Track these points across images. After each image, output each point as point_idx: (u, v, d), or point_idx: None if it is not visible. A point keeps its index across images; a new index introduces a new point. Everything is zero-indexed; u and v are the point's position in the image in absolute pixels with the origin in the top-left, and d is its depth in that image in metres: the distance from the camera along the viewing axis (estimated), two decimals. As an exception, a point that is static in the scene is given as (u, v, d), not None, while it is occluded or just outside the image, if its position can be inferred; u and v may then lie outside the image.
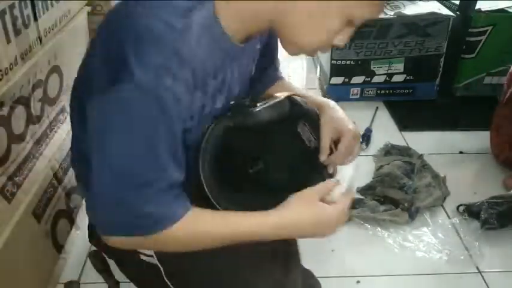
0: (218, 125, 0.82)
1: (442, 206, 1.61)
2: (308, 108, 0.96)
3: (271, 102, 0.90)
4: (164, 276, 0.85)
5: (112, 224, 0.74)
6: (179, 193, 0.74)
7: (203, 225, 0.77)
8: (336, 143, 0.96)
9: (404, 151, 1.83)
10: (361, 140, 1.03)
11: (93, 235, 1.07)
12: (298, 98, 0.94)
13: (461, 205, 1.56)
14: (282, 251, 0.85)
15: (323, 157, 0.94)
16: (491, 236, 1.47)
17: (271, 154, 0.88)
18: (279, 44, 0.85)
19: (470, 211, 1.52)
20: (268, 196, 0.85)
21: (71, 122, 0.91)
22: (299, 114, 0.93)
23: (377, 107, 2.17)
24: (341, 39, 0.77)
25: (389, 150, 1.84)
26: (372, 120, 2.07)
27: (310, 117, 0.95)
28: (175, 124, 0.70)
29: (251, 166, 0.87)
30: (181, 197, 0.75)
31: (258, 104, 0.88)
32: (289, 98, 0.93)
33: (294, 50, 0.80)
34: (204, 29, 0.70)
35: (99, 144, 0.70)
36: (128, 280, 1.02)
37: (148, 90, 0.65)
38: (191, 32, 0.68)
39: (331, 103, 0.99)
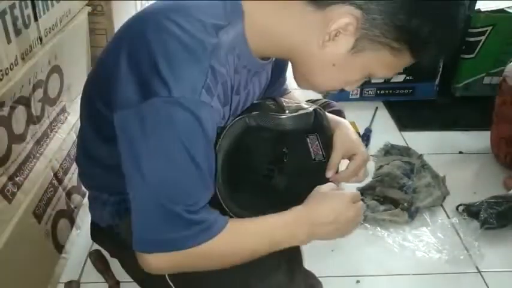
0: (239, 121, 0.83)
1: (442, 205, 1.61)
2: (326, 124, 0.96)
3: (300, 112, 0.91)
4: (167, 276, 0.86)
5: (161, 241, 0.73)
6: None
7: (245, 231, 0.80)
8: None
9: (404, 151, 1.83)
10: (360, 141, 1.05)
11: (96, 233, 1.07)
12: (321, 113, 0.95)
13: (460, 205, 1.56)
14: (285, 253, 0.85)
15: (330, 173, 0.94)
16: (490, 235, 1.46)
17: (282, 160, 0.88)
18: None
19: (470, 211, 1.52)
20: (271, 201, 0.85)
21: (81, 120, 0.91)
22: (317, 129, 0.93)
23: (377, 107, 2.17)
24: (352, 87, 0.82)
25: (389, 150, 1.84)
26: (372, 120, 2.07)
27: (325, 133, 0.95)
28: (212, 139, 0.71)
29: (261, 169, 0.87)
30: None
31: (287, 111, 0.89)
32: (315, 111, 0.93)
33: (307, 86, 0.83)
34: (231, 48, 0.72)
35: (137, 162, 0.69)
36: (128, 280, 1.02)
37: (186, 105, 0.65)
38: (221, 51, 0.69)
39: (346, 122, 1.01)
